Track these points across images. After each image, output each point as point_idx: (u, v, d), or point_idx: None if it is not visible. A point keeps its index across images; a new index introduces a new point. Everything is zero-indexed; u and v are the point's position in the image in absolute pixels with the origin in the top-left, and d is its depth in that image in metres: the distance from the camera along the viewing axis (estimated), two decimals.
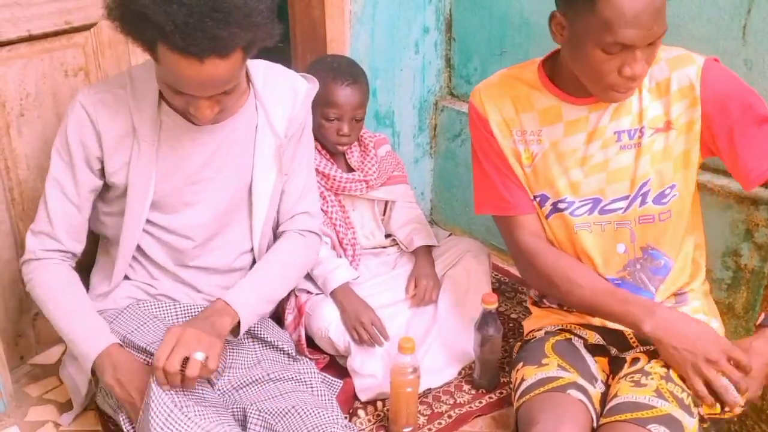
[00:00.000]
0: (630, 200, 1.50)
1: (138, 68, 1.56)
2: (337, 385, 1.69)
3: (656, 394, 1.38)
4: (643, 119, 1.47)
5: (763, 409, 1.79)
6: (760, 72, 1.72)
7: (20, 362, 1.90)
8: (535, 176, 1.56)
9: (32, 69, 1.71)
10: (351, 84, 1.91)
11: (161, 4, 1.22)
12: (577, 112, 1.50)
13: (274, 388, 1.53)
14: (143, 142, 1.50)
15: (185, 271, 1.65)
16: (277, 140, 1.61)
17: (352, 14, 2.17)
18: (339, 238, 1.99)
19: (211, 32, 1.23)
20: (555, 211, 1.56)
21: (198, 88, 1.34)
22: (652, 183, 1.48)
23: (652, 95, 1.46)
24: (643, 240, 1.52)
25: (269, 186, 1.63)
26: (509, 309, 2.17)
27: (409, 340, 1.62)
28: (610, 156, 1.49)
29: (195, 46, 1.25)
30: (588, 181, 1.51)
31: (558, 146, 1.52)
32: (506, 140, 1.58)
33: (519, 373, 1.56)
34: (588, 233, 1.54)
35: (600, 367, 1.56)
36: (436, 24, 2.42)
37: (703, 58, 1.44)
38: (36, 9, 1.66)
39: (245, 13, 1.27)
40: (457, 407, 1.78)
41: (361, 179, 2.00)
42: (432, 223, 2.60)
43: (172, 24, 1.22)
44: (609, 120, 1.48)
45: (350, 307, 1.84)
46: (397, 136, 2.46)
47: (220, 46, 1.26)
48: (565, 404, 1.42)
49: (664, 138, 1.47)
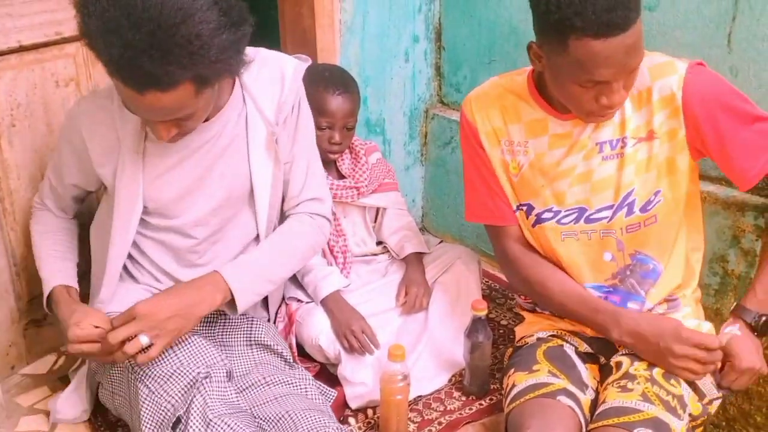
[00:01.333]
0: (614, 209, 1.51)
1: None
2: (331, 395, 1.68)
3: (642, 398, 1.39)
4: (626, 129, 1.47)
5: (751, 413, 1.80)
6: (745, 79, 1.73)
7: (11, 372, 1.89)
8: (522, 186, 1.58)
9: (23, 79, 1.72)
10: (342, 93, 1.92)
11: (102, 33, 1.20)
12: (562, 126, 1.51)
13: (269, 392, 1.53)
14: (127, 152, 1.51)
15: (191, 275, 1.60)
16: (269, 127, 1.59)
17: (342, 23, 2.18)
18: (330, 245, 1.99)
19: (146, 68, 1.20)
20: (540, 221, 1.57)
21: (145, 114, 1.34)
22: (637, 192, 1.49)
23: (634, 104, 1.47)
24: (631, 246, 1.53)
25: (268, 175, 1.61)
26: (499, 315, 2.17)
27: (399, 348, 1.62)
28: (594, 167, 1.50)
29: (131, 80, 1.23)
30: (573, 191, 1.52)
31: (543, 158, 1.54)
32: (494, 150, 1.59)
33: (510, 379, 1.57)
34: (575, 241, 1.55)
35: (591, 374, 1.57)
36: (425, 33, 2.43)
37: (685, 64, 1.44)
38: (27, 20, 1.67)
39: (189, 51, 1.21)
40: (448, 414, 1.79)
41: (352, 186, 2.01)
42: (423, 230, 2.61)
43: (108, 55, 1.22)
44: (591, 131, 1.49)
45: (341, 315, 1.84)
46: (388, 143, 2.48)
47: (158, 81, 1.23)
48: (555, 410, 1.43)
49: (648, 147, 1.47)
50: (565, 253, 1.57)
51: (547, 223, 1.56)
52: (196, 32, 1.21)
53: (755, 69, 1.72)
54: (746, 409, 1.81)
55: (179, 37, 1.19)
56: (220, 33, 1.24)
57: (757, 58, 1.71)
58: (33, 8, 1.68)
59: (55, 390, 1.85)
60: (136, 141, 1.51)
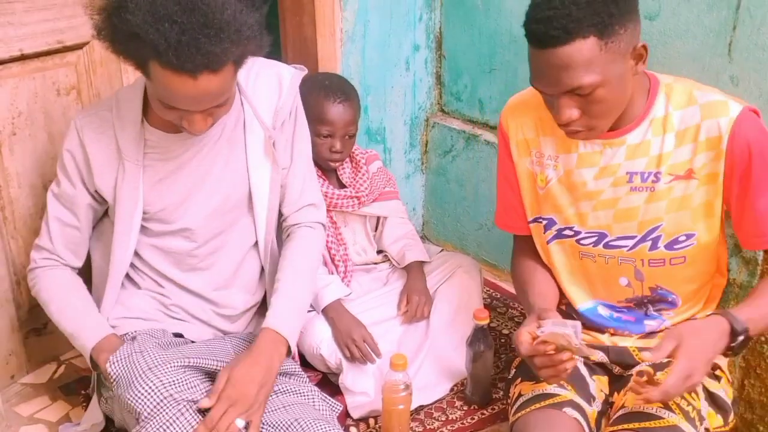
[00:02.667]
0: (637, 241, 1.47)
1: (125, 90, 1.58)
2: (337, 407, 1.65)
3: (663, 405, 1.38)
4: (662, 163, 1.41)
5: (753, 423, 1.80)
6: (746, 88, 1.73)
7: (11, 381, 1.89)
8: (546, 200, 1.55)
9: (24, 88, 1.72)
10: (343, 101, 1.92)
11: (153, 23, 1.24)
12: (591, 145, 1.47)
13: (277, 401, 1.52)
14: (128, 162, 1.51)
15: (192, 279, 1.64)
16: (266, 132, 1.61)
17: (343, 33, 2.19)
18: (331, 254, 1.99)
19: (204, 48, 1.25)
20: (559, 236, 1.56)
21: (192, 103, 1.35)
22: (664, 228, 1.45)
23: (678, 140, 1.40)
24: (653, 281, 1.50)
25: (266, 179, 1.63)
26: (501, 324, 2.17)
27: (401, 357, 1.62)
28: (620, 195, 1.46)
29: (189, 63, 1.26)
30: (596, 215, 1.50)
31: (570, 176, 1.51)
32: (523, 160, 1.57)
33: (516, 389, 1.55)
34: (592, 262, 1.54)
35: (599, 387, 1.55)
36: (426, 42, 2.44)
37: (739, 107, 1.36)
38: (28, 29, 1.67)
39: (236, 28, 1.29)
40: (450, 424, 1.78)
41: (352, 195, 2.01)
42: (423, 239, 2.60)
43: (165, 42, 1.24)
44: (623, 158, 1.44)
45: (342, 324, 1.84)
46: (389, 152, 2.48)
47: (213, 62, 1.28)
48: (561, 422, 1.42)
49: (684, 186, 1.41)
50: (581, 270, 1.55)
51: (567, 240, 1.55)
52: (239, 9, 1.30)
53: (756, 78, 1.72)
54: (749, 418, 1.80)
55: (227, 15, 1.28)
56: (251, 11, 1.34)
57: (758, 68, 1.71)
58: (35, 17, 1.68)
59: (56, 399, 1.84)
60: (136, 149, 1.51)
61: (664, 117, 1.41)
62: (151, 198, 1.55)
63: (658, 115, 1.41)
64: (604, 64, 1.29)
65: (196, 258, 1.63)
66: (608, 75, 1.30)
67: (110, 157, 1.53)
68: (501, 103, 2.33)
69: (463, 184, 2.48)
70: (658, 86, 1.42)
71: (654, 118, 1.41)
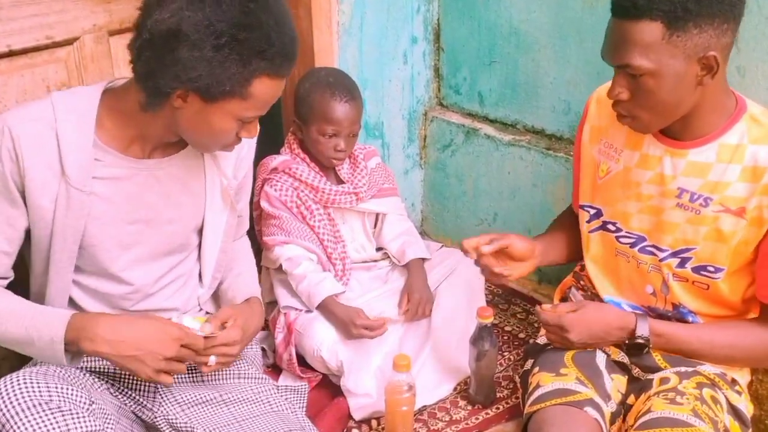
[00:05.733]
0: (669, 254, 1.48)
1: (66, 97, 1.36)
2: (302, 389, 1.63)
3: (693, 414, 1.37)
4: (716, 191, 1.40)
5: (761, 418, 1.78)
6: (753, 79, 1.71)
7: None
8: (602, 190, 1.56)
9: (13, 85, 1.67)
10: (349, 100, 1.89)
11: (275, 26, 1.25)
12: (655, 148, 1.46)
13: (229, 414, 1.44)
14: (72, 187, 1.32)
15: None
16: (225, 180, 1.52)
17: (339, 25, 2.15)
18: (327, 252, 1.95)
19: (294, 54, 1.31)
20: (603, 228, 1.57)
21: (267, 106, 1.36)
22: (696, 252, 1.44)
23: (741, 174, 1.38)
24: (675, 298, 1.51)
25: (221, 225, 1.55)
26: (503, 321, 2.14)
27: (404, 358, 1.59)
28: (665, 207, 1.46)
29: (288, 66, 1.30)
30: (639, 218, 1.50)
31: (629, 173, 1.50)
32: (591, 146, 1.58)
33: (534, 378, 1.54)
34: (625, 262, 1.55)
35: (616, 386, 1.53)
36: (424, 34, 2.40)
37: None
38: (16, 24, 1.63)
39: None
40: (454, 424, 1.75)
41: (350, 191, 1.98)
42: (422, 235, 2.57)
43: (281, 45, 1.26)
44: (680, 172, 1.43)
45: (339, 316, 1.81)
46: (387, 147, 2.44)
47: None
48: (582, 422, 1.40)
49: (733, 222, 1.40)
50: (613, 267, 1.57)
51: (609, 234, 1.56)
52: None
53: (763, 69, 1.70)
54: (757, 414, 1.78)
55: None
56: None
57: (765, 58, 1.69)
58: (23, 12, 1.64)
59: None
60: (85, 173, 1.33)
61: (736, 146, 1.38)
62: (92, 232, 1.37)
63: (730, 141, 1.38)
64: (663, 54, 1.28)
65: (129, 301, 1.48)
66: (663, 68, 1.29)
67: (50, 176, 1.31)
68: (501, 96, 2.32)
69: (463, 179, 2.45)
70: (742, 113, 1.39)
71: (725, 143, 1.38)
